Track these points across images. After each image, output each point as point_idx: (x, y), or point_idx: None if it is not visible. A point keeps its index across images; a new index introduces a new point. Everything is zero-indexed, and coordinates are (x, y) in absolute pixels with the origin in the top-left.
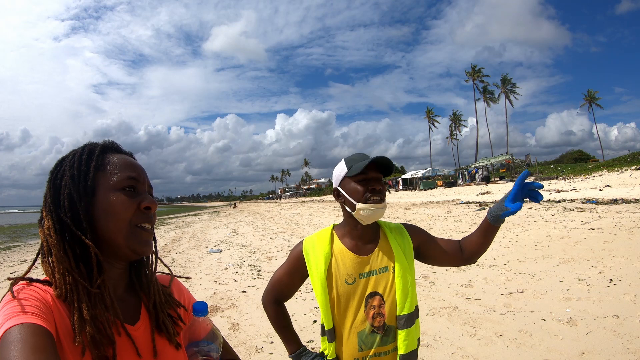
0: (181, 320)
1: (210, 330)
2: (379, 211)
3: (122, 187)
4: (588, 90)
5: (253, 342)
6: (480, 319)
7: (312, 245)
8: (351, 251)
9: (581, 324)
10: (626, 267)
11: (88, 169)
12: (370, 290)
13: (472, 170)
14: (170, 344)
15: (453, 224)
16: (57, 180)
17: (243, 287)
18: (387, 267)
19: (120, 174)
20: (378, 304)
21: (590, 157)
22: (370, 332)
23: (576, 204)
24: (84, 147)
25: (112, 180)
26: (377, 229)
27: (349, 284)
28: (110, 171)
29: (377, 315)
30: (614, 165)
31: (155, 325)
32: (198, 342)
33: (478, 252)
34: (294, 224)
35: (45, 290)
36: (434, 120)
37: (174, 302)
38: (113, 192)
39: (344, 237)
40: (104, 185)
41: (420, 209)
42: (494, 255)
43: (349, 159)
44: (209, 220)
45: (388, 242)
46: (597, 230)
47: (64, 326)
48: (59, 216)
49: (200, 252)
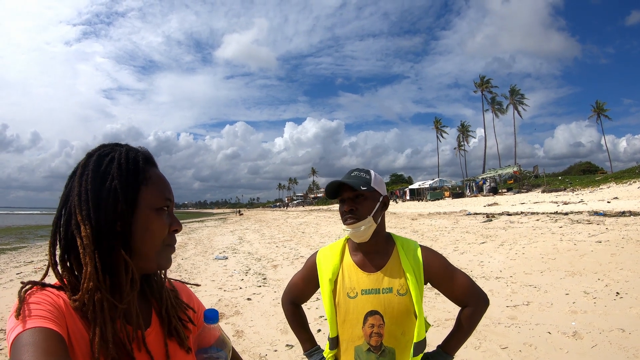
0: (192, 323)
1: (220, 338)
2: (353, 232)
3: (161, 207)
4: (596, 101)
5: (257, 350)
6: (485, 331)
7: (324, 257)
8: (358, 266)
9: (587, 338)
10: (633, 281)
11: (136, 179)
12: (371, 308)
13: (480, 181)
14: (181, 348)
15: (460, 235)
16: (98, 181)
17: (248, 294)
18: (391, 288)
19: (160, 193)
20: (377, 323)
21: (598, 169)
22: (366, 350)
23: (584, 216)
24: (126, 151)
25: (153, 198)
26: (390, 246)
27: (351, 297)
28: (152, 188)
29: (374, 335)
30: (622, 177)
31: (167, 330)
32: (207, 349)
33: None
34: (300, 232)
35: (57, 295)
36: (442, 131)
37: (184, 305)
38: (154, 210)
39: (355, 251)
40: (146, 201)
41: (427, 220)
42: (500, 267)
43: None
44: (215, 227)
45: (400, 262)
46: (604, 242)
47: (76, 331)
48: (99, 224)
49: (206, 259)
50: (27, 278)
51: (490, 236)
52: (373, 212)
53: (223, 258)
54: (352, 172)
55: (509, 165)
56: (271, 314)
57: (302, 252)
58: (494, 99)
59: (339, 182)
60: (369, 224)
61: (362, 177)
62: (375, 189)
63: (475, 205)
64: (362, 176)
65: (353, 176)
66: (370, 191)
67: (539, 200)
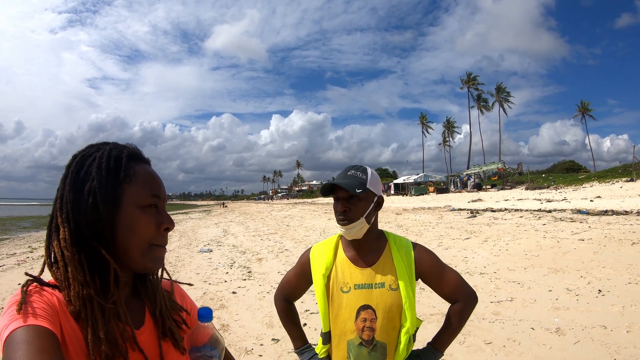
0: (185, 325)
1: (213, 336)
2: (347, 232)
3: (147, 205)
4: (582, 101)
5: (243, 344)
6: (469, 326)
7: (318, 253)
8: (351, 261)
9: (569, 334)
10: (615, 279)
11: (117, 178)
12: (364, 302)
13: (464, 177)
14: (176, 349)
15: (444, 231)
16: (78, 183)
17: (233, 287)
18: (383, 283)
19: (146, 190)
20: (370, 318)
21: (582, 167)
22: (358, 344)
23: (567, 214)
24: (109, 150)
25: (138, 195)
26: (383, 242)
27: (344, 292)
28: (136, 185)
29: (366, 329)
30: (605, 176)
31: (162, 331)
32: (200, 348)
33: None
34: (285, 225)
35: (52, 293)
36: (428, 127)
37: (177, 307)
38: (138, 208)
39: (347, 247)
40: (129, 199)
41: (412, 215)
42: (484, 263)
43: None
44: (199, 219)
45: (392, 258)
46: (587, 241)
47: (70, 329)
48: (78, 226)
49: (191, 251)
50: (9, 271)
51: (474, 232)
52: (366, 213)
53: (207, 251)
54: (348, 170)
55: (494, 162)
56: (256, 308)
57: (287, 245)
58: (479, 96)
59: (334, 183)
60: (361, 225)
61: (358, 177)
62: (370, 190)
63: (460, 201)
64: (358, 176)
65: (349, 176)
66: (365, 193)
67: (522, 198)
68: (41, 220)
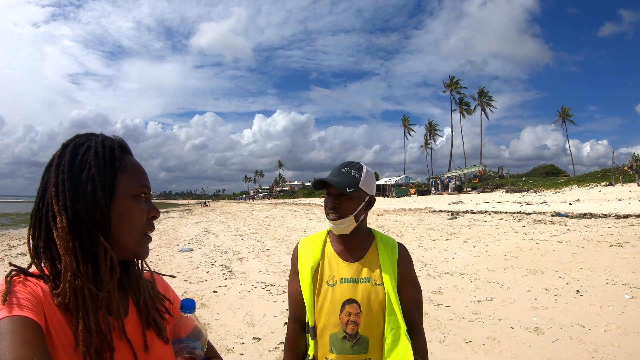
0: (169, 314)
1: (196, 328)
2: (335, 227)
3: (138, 194)
4: (562, 106)
5: (224, 343)
6: (449, 325)
7: (305, 246)
8: (338, 255)
9: (548, 333)
10: (593, 279)
11: (113, 168)
12: (349, 296)
13: (445, 179)
14: (159, 338)
15: (425, 232)
16: (75, 171)
17: (214, 287)
18: (369, 278)
19: (138, 180)
20: (354, 312)
21: (561, 171)
22: (341, 338)
23: (546, 217)
24: (102, 140)
25: (130, 185)
26: (370, 239)
27: (330, 285)
28: (128, 175)
29: (351, 323)
30: (585, 180)
31: (145, 320)
32: (183, 339)
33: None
34: (266, 225)
35: (35, 284)
36: (410, 129)
37: (160, 296)
38: (132, 198)
39: (335, 242)
40: (123, 189)
41: (393, 216)
42: (464, 264)
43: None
44: (180, 218)
45: (378, 255)
46: (565, 242)
47: (55, 320)
48: (76, 214)
49: (171, 250)
50: None
51: (454, 233)
52: (355, 212)
53: (188, 250)
54: (343, 166)
55: (475, 165)
56: (237, 307)
57: (267, 245)
58: (462, 100)
59: (326, 180)
60: (349, 223)
61: (351, 175)
62: (362, 190)
63: (441, 202)
64: (351, 174)
65: (343, 173)
66: (357, 192)
67: (502, 200)
68: (20, 217)
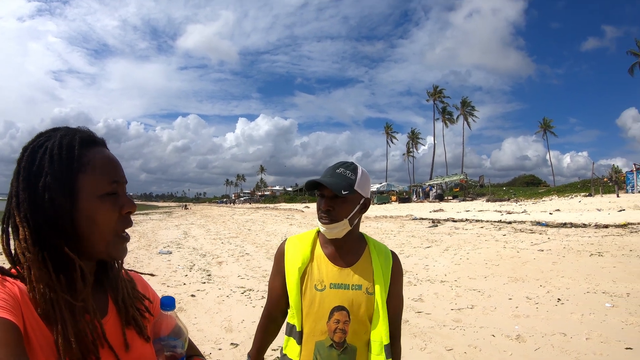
0: (149, 312)
1: (176, 326)
2: (327, 231)
3: (106, 193)
4: (544, 118)
5: (201, 348)
6: (430, 333)
7: (293, 245)
8: (329, 259)
9: (529, 341)
10: (573, 288)
11: (70, 169)
12: (338, 303)
13: (427, 187)
14: (140, 337)
15: (405, 239)
16: (32, 179)
17: (192, 290)
18: (361, 285)
19: (104, 177)
20: (343, 320)
21: (542, 182)
22: (328, 346)
23: (526, 226)
24: (60, 138)
25: (95, 184)
26: (362, 245)
27: (318, 290)
28: (92, 173)
29: (339, 331)
30: (565, 191)
31: (125, 319)
32: (164, 338)
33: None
34: (246, 229)
35: (13, 283)
36: (393, 137)
37: (140, 295)
38: (97, 198)
39: (326, 244)
40: (86, 190)
41: (374, 223)
42: (444, 272)
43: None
44: (160, 221)
45: (371, 262)
46: (546, 251)
47: (33, 321)
48: (38, 225)
49: (150, 253)
50: None
51: (435, 241)
52: (350, 215)
53: (167, 252)
54: (337, 167)
55: (456, 174)
56: (215, 312)
57: (247, 250)
58: (445, 109)
59: (320, 182)
60: (343, 227)
61: (346, 177)
62: (358, 192)
63: (422, 210)
64: (346, 176)
65: (337, 174)
66: (352, 194)
67: (483, 209)
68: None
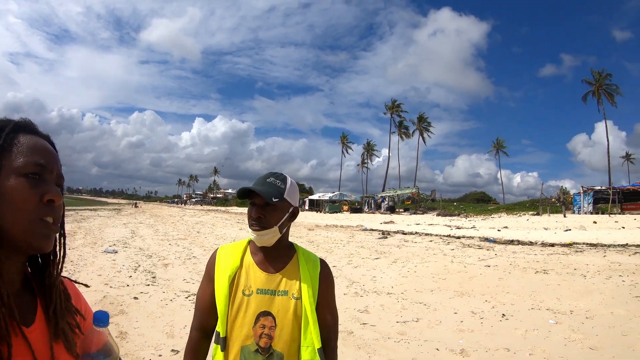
0: (79, 330)
1: (107, 344)
2: (258, 238)
3: (26, 173)
4: (497, 138)
5: (140, 354)
6: (375, 345)
7: (224, 254)
8: (257, 265)
9: (473, 355)
10: (518, 304)
11: None
12: (265, 308)
13: (379, 199)
14: (68, 353)
15: (354, 249)
16: None
17: (135, 293)
18: (287, 291)
19: (26, 157)
20: (269, 325)
21: (491, 199)
22: (254, 351)
23: (475, 241)
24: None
25: (16, 163)
26: (291, 252)
27: (246, 295)
28: (16, 153)
29: (264, 336)
30: (513, 209)
31: (54, 332)
32: (93, 354)
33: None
34: (195, 232)
35: None
36: (348, 147)
37: (73, 309)
38: (15, 177)
39: (256, 252)
40: (6, 168)
41: (324, 231)
42: (392, 284)
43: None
44: (108, 218)
45: (298, 268)
46: (492, 267)
47: None
48: None
49: (95, 251)
50: None
51: (384, 252)
52: (280, 222)
53: (112, 252)
54: (268, 177)
55: (408, 187)
56: (158, 316)
57: (195, 253)
58: (401, 123)
59: (251, 189)
60: (273, 234)
61: (276, 185)
62: (287, 200)
63: (372, 221)
64: (276, 184)
65: (268, 183)
66: (282, 202)
67: (433, 223)
68: None
